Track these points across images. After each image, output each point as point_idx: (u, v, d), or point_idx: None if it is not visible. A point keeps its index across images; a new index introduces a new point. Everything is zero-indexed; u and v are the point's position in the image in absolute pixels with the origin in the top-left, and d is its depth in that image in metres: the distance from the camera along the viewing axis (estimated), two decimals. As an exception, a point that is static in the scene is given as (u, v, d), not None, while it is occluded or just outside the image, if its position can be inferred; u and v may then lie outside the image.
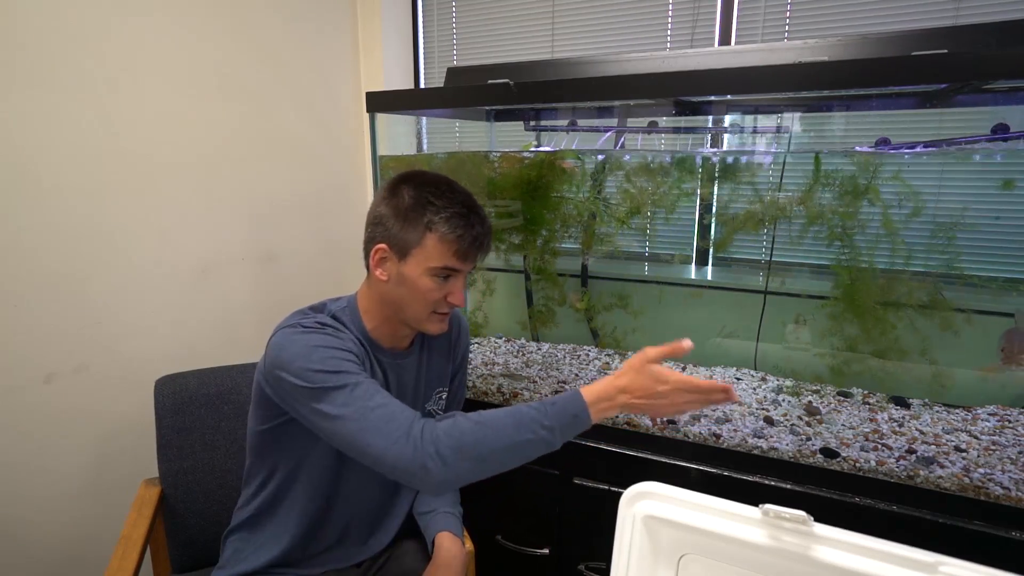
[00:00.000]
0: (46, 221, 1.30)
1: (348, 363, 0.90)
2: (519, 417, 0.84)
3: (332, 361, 0.89)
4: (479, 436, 0.82)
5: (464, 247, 0.95)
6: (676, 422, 1.37)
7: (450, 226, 0.93)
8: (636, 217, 1.69)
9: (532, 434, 0.83)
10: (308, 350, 0.89)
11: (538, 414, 0.85)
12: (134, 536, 1.12)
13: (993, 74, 0.97)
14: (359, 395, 0.85)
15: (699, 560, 0.75)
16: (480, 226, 0.96)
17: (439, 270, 0.95)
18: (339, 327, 0.98)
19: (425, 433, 0.82)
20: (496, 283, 1.98)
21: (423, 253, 0.94)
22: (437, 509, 1.13)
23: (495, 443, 0.82)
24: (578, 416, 0.86)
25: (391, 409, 0.85)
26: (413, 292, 0.96)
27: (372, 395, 0.86)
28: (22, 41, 1.23)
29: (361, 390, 0.86)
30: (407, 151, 1.97)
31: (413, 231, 0.94)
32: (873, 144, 1.42)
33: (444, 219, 0.93)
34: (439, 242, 0.94)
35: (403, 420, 0.84)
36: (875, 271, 1.40)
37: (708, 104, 1.53)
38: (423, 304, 0.97)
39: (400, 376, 1.08)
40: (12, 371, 1.28)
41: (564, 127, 1.71)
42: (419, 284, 0.96)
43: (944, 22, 1.53)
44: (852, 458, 1.20)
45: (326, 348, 0.90)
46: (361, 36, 2.08)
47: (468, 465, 0.82)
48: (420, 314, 0.99)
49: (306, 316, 0.99)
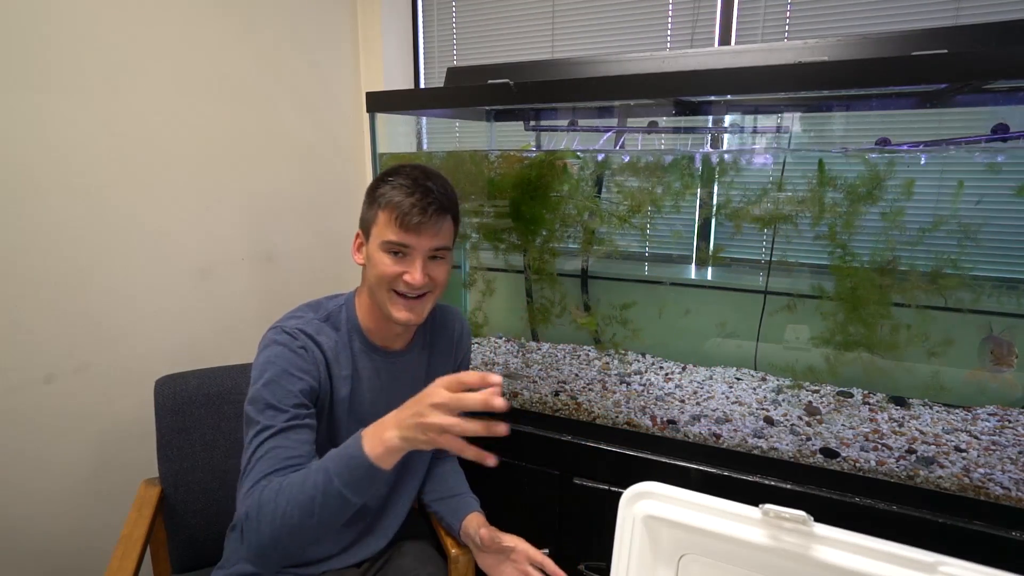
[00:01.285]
0: (46, 221, 1.30)
1: (286, 393, 0.92)
2: (308, 473, 0.81)
3: (273, 387, 0.92)
4: (271, 508, 0.79)
5: (403, 212, 0.94)
6: (676, 422, 1.37)
7: (392, 194, 0.96)
8: (636, 215, 1.68)
9: (314, 488, 0.78)
10: (266, 365, 0.94)
11: (322, 462, 0.81)
12: (134, 536, 1.12)
13: (993, 74, 0.97)
14: (256, 440, 0.88)
15: (699, 560, 0.75)
16: (421, 193, 0.95)
17: (389, 244, 0.96)
18: (314, 341, 0.99)
19: (248, 505, 0.81)
20: (496, 283, 1.98)
21: (377, 229, 0.98)
22: (464, 494, 1.15)
23: (284, 507, 0.79)
24: (355, 457, 0.78)
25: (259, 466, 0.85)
26: (373, 270, 0.99)
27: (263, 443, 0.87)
28: (22, 41, 1.23)
29: (262, 436, 0.88)
30: (407, 151, 1.97)
31: (371, 209, 0.99)
32: (874, 144, 1.41)
33: (389, 189, 0.96)
34: (384, 212, 0.96)
35: (248, 486, 0.83)
36: (877, 271, 1.40)
37: (708, 104, 1.52)
38: (381, 280, 0.98)
39: (397, 375, 1.08)
40: (12, 371, 1.28)
41: (564, 127, 1.71)
42: (376, 259, 0.98)
43: (944, 22, 1.53)
44: (852, 458, 1.20)
45: (280, 370, 0.93)
46: (361, 36, 2.08)
47: (267, 538, 0.79)
48: (383, 294, 0.99)
49: (294, 317, 1.02)
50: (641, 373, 1.65)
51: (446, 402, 0.74)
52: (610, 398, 1.49)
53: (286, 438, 0.88)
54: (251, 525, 0.80)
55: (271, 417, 0.90)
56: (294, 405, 0.92)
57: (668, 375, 1.64)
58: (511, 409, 1.49)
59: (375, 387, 1.05)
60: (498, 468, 0.77)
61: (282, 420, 0.89)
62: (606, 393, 1.52)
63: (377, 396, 1.06)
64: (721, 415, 1.39)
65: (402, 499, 1.16)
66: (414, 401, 0.78)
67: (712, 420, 1.37)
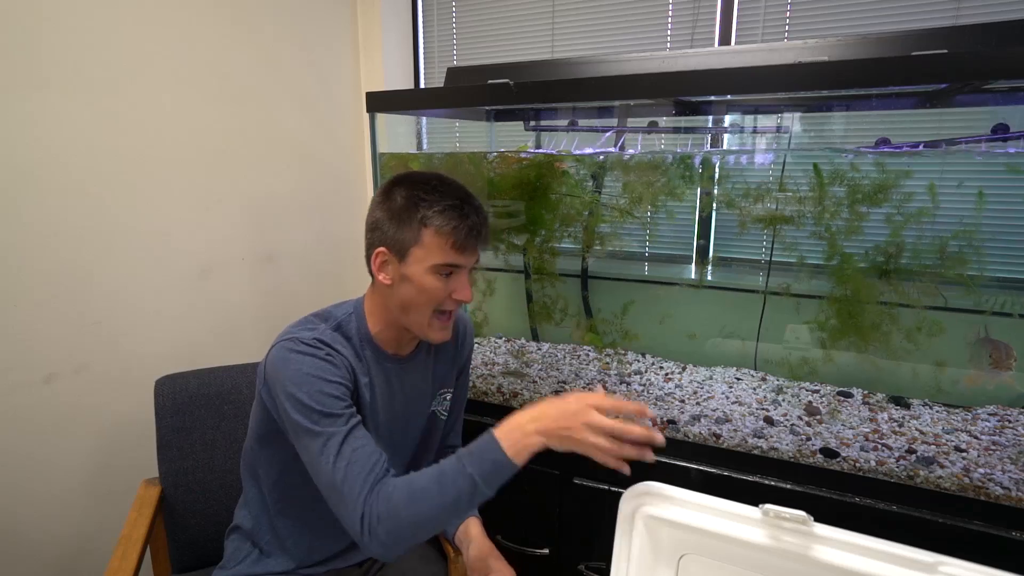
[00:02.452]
0: (46, 221, 1.30)
1: (334, 400, 0.91)
2: (443, 478, 0.84)
3: (319, 397, 0.90)
4: (411, 511, 0.83)
5: (461, 238, 0.93)
6: (676, 422, 1.37)
7: (444, 219, 0.93)
8: (636, 210, 1.68)
9: (457, 491, 0.83)
10: (300, 378, 0.91)
11: (459, 465, 0.85)
12: (134, 536, 1.12)
13: (993, 74, 0.97)
14: (331, 449, 0.88)
15: (699, 560, 0.75)
16: (475, 215, 0.95)
17: (441, 267, 0.94)
18: (334, 349, 0.96)
19: (370, 510, 0.84)
20: (496, 283, 1.98)
21: (422, 251, 0.94)
22: None
23: (427, 511, 0.83)
24: (497, 460, 0.83)
25: (353, 471, 0.86)
26: (418, 292, 0.96)
27: (340, 450, 0.87)
28: (22, 41, 1.23)
29: (334, 443, 0.88)
30: (407, 151, 1.97)
31: (409, 230, 0.94)
32: (874, 144, 1.41)
33: (437, 212, 0.93)
34: (435, 235, 0.93)
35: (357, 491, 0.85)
36: (877, 271, 1.40)
37: (708, 104, 1.52)
38: (427, 303, 0.96)
39: (405, 380, 1.08)
40: (12, 371, 1.28)
41: (564, 127, 1.71)
42: (423, 283, 0.95)
43: (944, 22, 1.53)
44: (852, 458, 1.20)
45: (317, 379, 0.91)
46: (361, 36, 2.08)
47: (407, 536, 0.84)
48: (423, 315, 0.97)
49: (306, 328, 0.98)
50: (641, 373, 1.65)
51: (606, 427, 0.81)
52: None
53: (356, 439, 0.89)
54: (385, 527, 0.83)
55: (331, 424, 0.89)
56: (345, 407, 0.92)
57: (668, 375, 1.64)
58: (512, 410, 1.49)
59: (385, 393, 1.05)
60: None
61: (344, 425, 0.90)
62: (605, 393, 1.52)
63: (388, 402, 1.06)
64: (721, 415, 1.39)
65: None
66: (560, 412, 0.83)
67: (712, 420, 1.37)
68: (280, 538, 1.07)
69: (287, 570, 1.07)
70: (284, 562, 1.07)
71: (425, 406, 1.13)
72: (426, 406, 1.13)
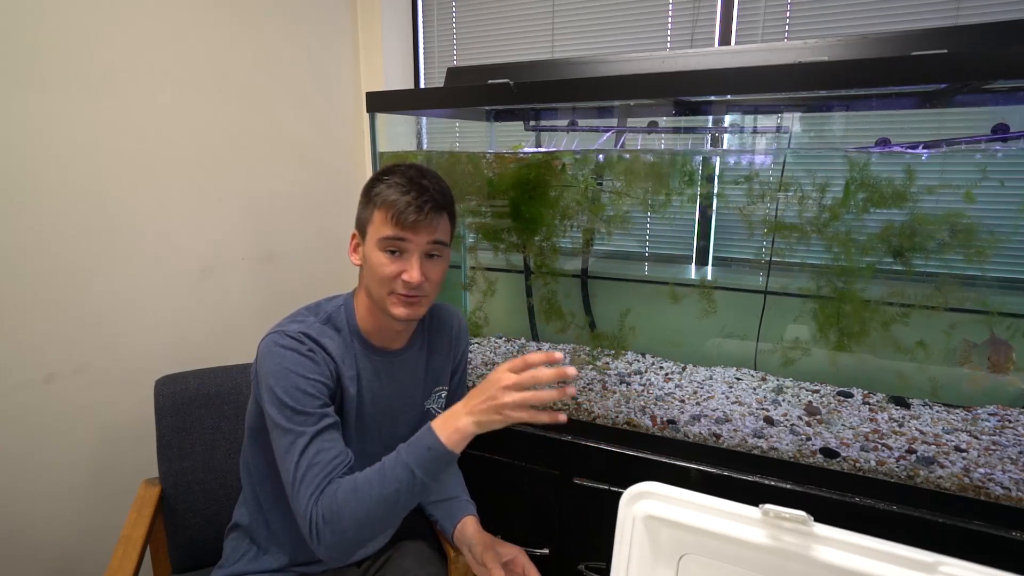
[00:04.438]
0: (46, 221, 1.30)
1: (308, 398, 0.93)
2: (383, 470, 0.87)
3: (294, 393, 0.92)
4: (353, 507, 0.85)
5: (399, 210, 0.94)
6: (676, 422, 1.37)
7: (389, 192, 0.96)
8: (635, 207, 1.68)
9: (396, 482, 0.85)
10: (280, 372, 0.93)
11: (397, 457, 0.87)
12: (134, 536, 1.12)
13: (993, 74, 0.97)
14: (296, 448, 0.90)
15: (699, 560, 0.75)
16: (416, 191, 0.96)
17: (386, 241, 0.96)
18: (319, 343, 0.98)
19: (316, 513, 0.86)
20: (496, 284, 1.98)
21: (373, 228, 0.98)
22: (459, 496, 1.15)
23: (368, 506, 0.85)
24: (432, 447, 0.85)
25: (311, 474, 0.88)
26: (371, 269, 0.98)
27: (304, 450, 0.89)
28: (22, 41, 1.23)
29: (300, 443, 0.90)
30: (407, 151, 1.97)
31: (367, 209, 0.99)
32: (874, 144, 1.41)
33: (384, 188, 0.97)
34: (380, 210, 0.96)
35: (309, 494, 0.87)
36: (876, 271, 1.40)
37: (708, 104, 1.52)
38: (379, 280, 0.98)
39: (395, 375, 1.08)
40: (12, 371, 1.28)
41: (564, 127, 1.71)
42: (372, 259, 0.98)
43: (944, 22, 1.53)
44: (852, 458, 1.20)
45: (295, 375, 0.93)
46: (361, 36, 2.08)
47: (351, 537, 0.86)
48: (381, 293, 0.99)
49: (295, 321, 1.00)
50: (641, 373, 1.65)
51: (518, 381, 0.82)
52: (610, 398, 1.49)
53: (323, 441, 0.91)
54: (330, 527, 0.85)
55: (302, 423, 0.91)
56: (319, 406, 0.93)
57: (668, 375, 1.64)
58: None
59: (374, 387, 1.06)
60: (498, 468, 0.77)
61: (313, 425, 0.91)
62: (606, 393, 1.53)
63: (377, 396, 1.06)
64: (721, 415, 1.39)
65: None
66: (481, 389, 0.85)
67: (712, 420, 1.37)
68: (274, 532, 1.07)
69: (283, 566, 1.07)
70: (280, 557, 1.07)
71: (417, 402, 1.13)
72: (418, 402, 1.13)
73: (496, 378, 0.84)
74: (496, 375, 0.84)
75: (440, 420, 0.88)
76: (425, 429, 0.88)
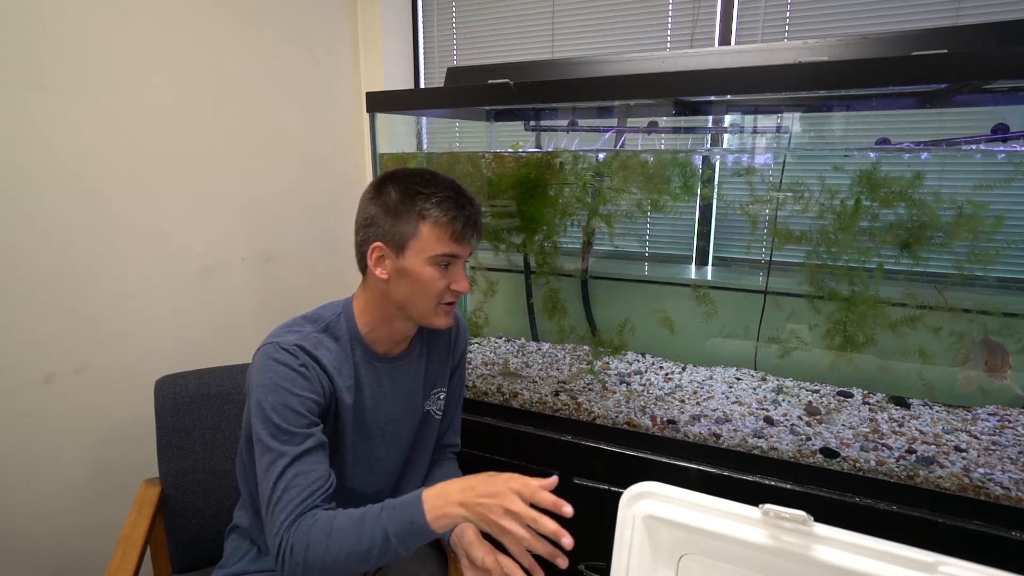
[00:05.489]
0: (46, 221, 1.30)
1: (296, 416, 0.91)
2: (362, 524, 0.85)
3: (281, 410, 0.91)
4: (321, 551, 0.84)
5: (459, 228, 0.95)
6: (676, 422, 1.37)
7: (442, 210, 0.94)
8: (635, 207, 1.68)
9: (370, 541, 0.83)
10: (270, 387, 0.92)
11: (380, 515, 0.85)
12: (134, 536, 1.12)
13: (993, 74, 0.97)
14: (276, 468, 0.89)
15: (699, 560, 0.75)
16: (470, 206, 0.97)
17: (439, 258, 0.95)
18: (314, 356, 0.96)
19: (287, 540, 0.85)
20: (497, 284, 1.98)
21: (419, 243, 0.95)
22: None
23: (338, 554, 0.84)
24: (415, 521, 0.83)
25: (287, 496, 0.87)
26: (417, 285, 0.96)
27: (283, 472, 0.89)
28: (22, 41, 1.23)
29: (281, 463, 0.89)
30: (407, 151, 1.97)
31: (406, 223, 0.95)
32: (874, 144, 1.41)
33: (435, 204, 0.95)
34: (433, 227, 0.95)
35: (283, 519, 0.86)
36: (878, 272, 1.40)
37: (708, 104, 1.52)
38: (429, 295, 0.97)
39: (397, 380, 1.08)
40: (12, 371, 1.28)
41: (564, 127, 1.71)
42: (422, 275, 0.96)
43: (944, 22, 1.53)
44: (852, 458, 1.20)
45: (285, 391, 0.92)
46: (361, 36, 2.08)
47: (315, 573, 0.85)
48: (427, 307, 0.98)
49: (291, 331, 0.98)
50: (641, 373, 1.65)
51: (520, 514, 0.80)
52: (610, 398, 1.49)
53: (305, 463, 0.90)
54: (296, 560, 0.84)
55: (285, 442, 0.90)
56: (306, 426, 0.92)
57: (668, 375, 1.64)
58: (512, 410, 1.49)
59: (376, 394, 1.05)
60: (498, 468, 0.77)
61: (297, 445, 0.90)
62: (606, 393, 1.52)
63: (378, 402, 1.06)
64: (721, 415, 1.39)
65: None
66: (483, 485, 0.82)
67: (712, 420, 1.37)
68: None
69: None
70: None
71: (418, 405, 1.13)
72: (419, 405, 1.13)
73: (503, 492, 0.80)
74: (505, 489, 0.81)
75: (432, 496, 0.84)
76: (414, 498, 0.85)
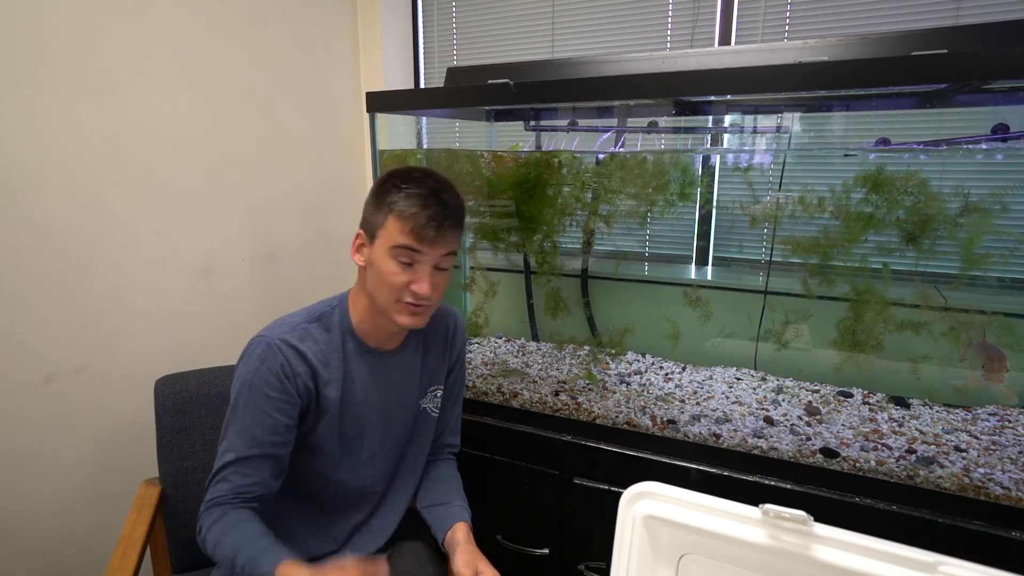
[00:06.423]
0: (46, 221, 1.30)
1: (265, 423, 0.96)
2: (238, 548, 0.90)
3: (252, 411, 0.96)
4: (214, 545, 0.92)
5: (420, 223, 0.93)
6: (676, 422, 1.37)
7: (407, 204, 0.94)
8: (635, 208, 1.68)
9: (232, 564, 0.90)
10: (247, 380, 0.97)
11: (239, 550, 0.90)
12: (134, 536, 1.13)
13: (993, 74, 0.97)
14: (227, 457, 0.96)
15: (699, 560, 0.75)
16: (438, 206, 0.95)
17: (398, 250, 0.95)
18: (299, 351, 0.99)
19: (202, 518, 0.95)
20: (497, 284, 1.98)
21: (385, 233, 0.96)
22: (453, 502, 1.13)
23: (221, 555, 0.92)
24: None
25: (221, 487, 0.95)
26: (379, 275, 0.97)
27: (229, 464, 0.96)
28: (22, 41, 1.23)
29: (228, 458, 0.96)
30: (407, 149, 1.97)
31: (379, 213, 0.97)
32: (874, 144, 1.41)
33: (403, 197, 0.95)
34: (396, 219, 0.95)
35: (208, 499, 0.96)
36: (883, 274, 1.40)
37: (708, 104, 1.52)
38: (387, 288, 0.97)
39: (390, 374, 1.08)
40: (12, 371, 1.28)
41: (564, 127, 1.71)
42: (382, 266, 0.96)
43: (944, 22, 1.53)
44: (852, 458, 1.20)
45: (260, 395, 0.97)
46: (361, 36, 2.08)
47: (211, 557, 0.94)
48: (387, 300, 0.98)
49: (282, 323, 1.02)
50: (641, 373, 1.65)
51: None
52: (610, 398, 1.49)
53: (247, 466, 0.96)
54: (202, 536, 0.94)
55: (241, 437, 0.96)
56: (268, 431, 0.96)
57: (668, 375, 1.64)
58: (512, 410, 1.49)
59: (368, 387, 1.05)
60: (498, 468, 0.77)
61: (250, 447, 0.96)
62: (606, 393, 1.52)
63: (370, 396, 1.06)
64: (721, 415, 1.39)
65: (398, 496, 1.16)
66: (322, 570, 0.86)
67: (712, 420, 1.37)
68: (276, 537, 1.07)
69: None
70: None
71: (412, 401, 1.13)
72: (413, 402, 1.13)
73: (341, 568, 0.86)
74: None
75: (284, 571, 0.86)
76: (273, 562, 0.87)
